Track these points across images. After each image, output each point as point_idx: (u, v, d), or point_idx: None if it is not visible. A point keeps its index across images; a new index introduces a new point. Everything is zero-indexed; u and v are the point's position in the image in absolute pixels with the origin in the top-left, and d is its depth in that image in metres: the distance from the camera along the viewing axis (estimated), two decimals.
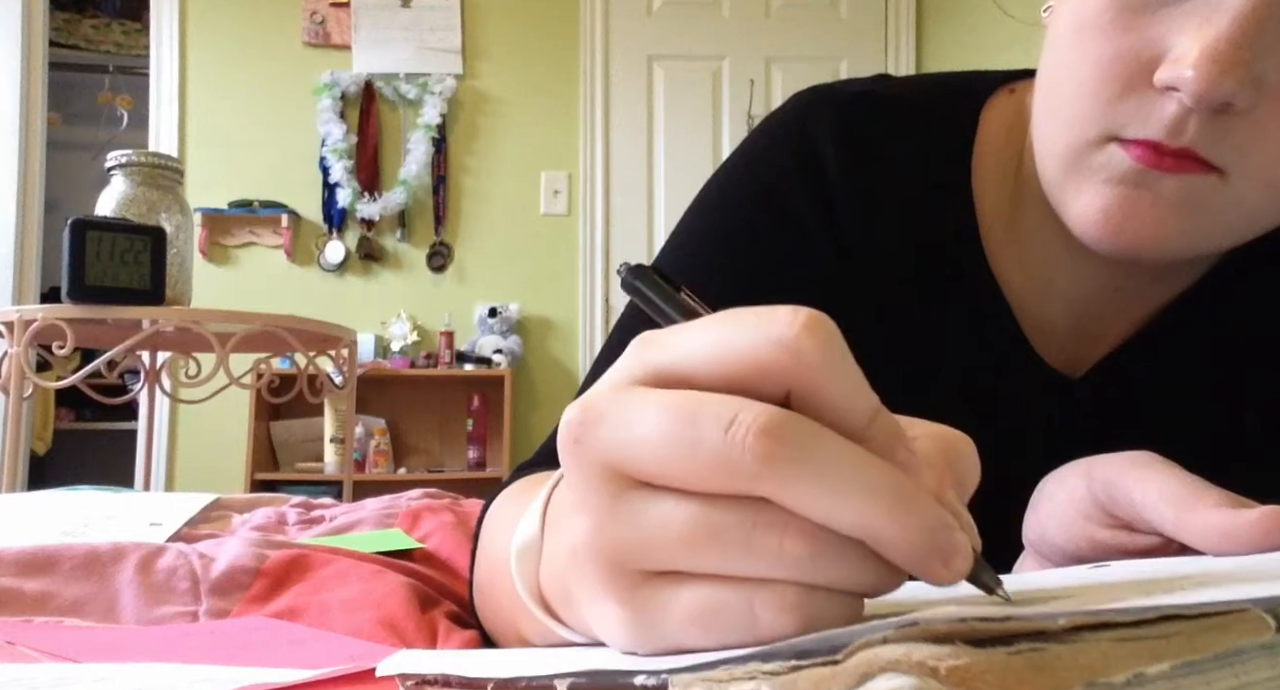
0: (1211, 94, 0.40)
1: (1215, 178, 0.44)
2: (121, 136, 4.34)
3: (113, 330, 1.95)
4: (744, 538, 0.23)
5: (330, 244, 3.65)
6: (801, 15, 3.78)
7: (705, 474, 0.23)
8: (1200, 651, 0.16)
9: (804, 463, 0.22)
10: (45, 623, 0.59)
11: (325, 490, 3.13)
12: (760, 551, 0.23)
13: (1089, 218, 0.46)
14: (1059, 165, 0.48)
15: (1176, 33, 0.42)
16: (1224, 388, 0.57)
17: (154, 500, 1.00)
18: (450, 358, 3.55)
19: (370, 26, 3.69)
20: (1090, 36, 0.45)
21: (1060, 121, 0.47)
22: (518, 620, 0.39)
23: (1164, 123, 0.43)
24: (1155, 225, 0.45)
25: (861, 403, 0.24)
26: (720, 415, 0.23)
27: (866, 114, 0.59)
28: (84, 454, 4.36)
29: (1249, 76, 0.41)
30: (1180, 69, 0.41)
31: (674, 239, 0.62)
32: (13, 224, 3.44)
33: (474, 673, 0.26)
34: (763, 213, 0.58)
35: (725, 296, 0.57)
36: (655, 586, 0.24)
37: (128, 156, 1.97)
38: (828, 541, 0.23)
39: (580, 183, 3.75)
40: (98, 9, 4.74)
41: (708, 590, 0.23)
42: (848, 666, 0.15)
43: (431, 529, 0.86)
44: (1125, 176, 0.45)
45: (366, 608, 0.62)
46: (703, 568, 0.23)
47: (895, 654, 0.15)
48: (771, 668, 0.16)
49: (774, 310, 0.24)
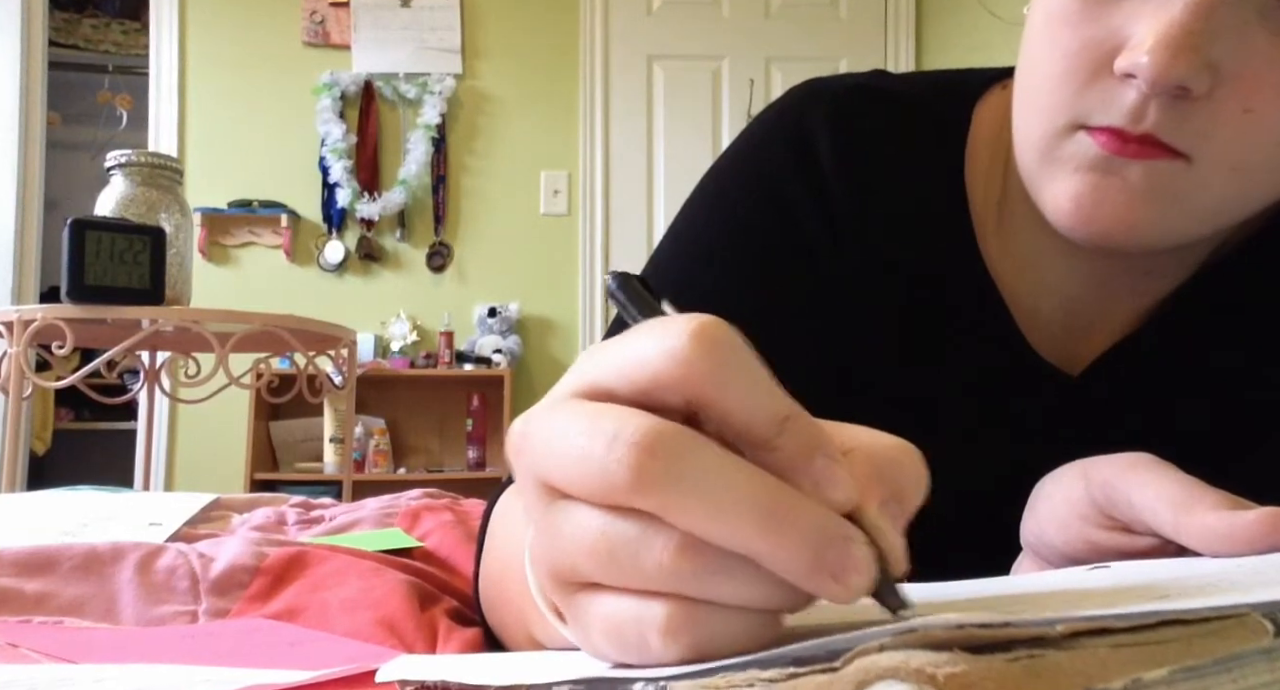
0: (1165, 79, 0.41)
1: (1181, 163, 0.44)
2: (121, 136, 4.33)
3: (112, 330, 1.95)
4: (632, 551, 0.22)
5: (330, 244, 3.65)
6: (801, 15, 3.78)
7: (593, 488, 0.23)
8: (1198, 656, 0.16)
9: (677, 477, 0.22)
10: (45, 623, 0.59)
11: (325, 490, 3.13)
12: (646, 565, 0.22)
13: (1061, 206, 0.47)
14: (1034, 155, 0.49)
15: (1135, 21, 0.43)
16: (1221, 384, 0.57)
17: (153, 500, 1.00)
18: (450, 358, 3.55)
19: (370, 26, 3.69)
20: (1058, 27, 0.46)
21: (1033, 111, 0.48)
22: (528, 620, 0.39)
23: (1124, 109, 0.44)
24: (1124, 211, 0.45)
25: (763, 412, 0.23)
26: (606, 429, 0.23)
27: (862, 107, 0.59)
28: (83, 454, 4.36)
29: (1201, 61, 0.41)
30: (1136, 56, 0.42)
31: (672, 231, 0.62)
32: (12, 224, 3.44)
33: (473, 679, 0.26)
34: (759, 204, 0.58)
35: (721, 290, 0.57)
36: (583, 596, 0.24)
37: (127, 156, 1.97)
38: (713, 557, 0.22)
39: (580, 183, 3.74)
40: (97, 9, 4.74)
41: (612, 603, 0.24)
42: (845, 673, 0.15)
43: (431, 528, 0.86)
44: (1094, 164, 0.46)
45: (366, 607, 0.62)
46: (607, 580, 0.23)
47: (893, 661, 0.15)
48: (770, 675, 0.16)
49: (671, 320, 0.24)
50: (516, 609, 0.43)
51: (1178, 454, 0.38)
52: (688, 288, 0.58)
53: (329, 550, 0.72)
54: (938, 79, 0.62)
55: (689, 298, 0.57)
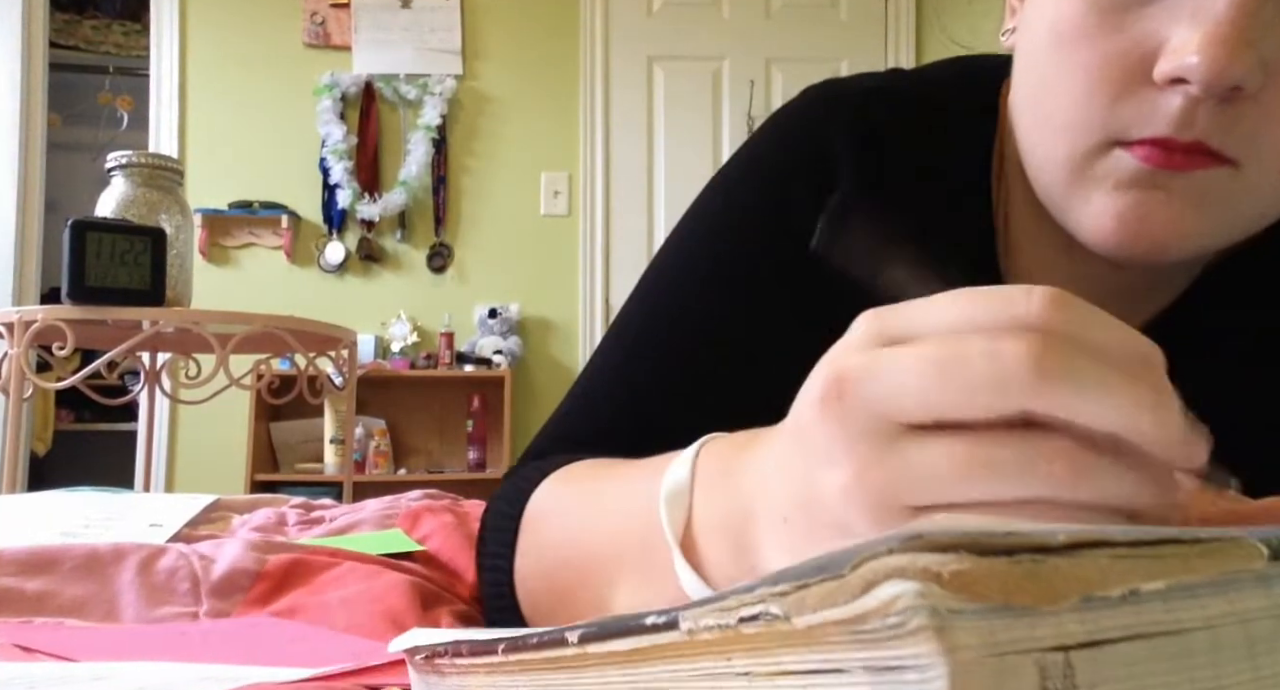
0: (1222, 78, 0.39)
1: (1228, 169, 0.43)
2: (121, 137, 4.33)
3: (113, 331, 1.95)
4: (1018, 464, 0.24)
5: (330, 245, 3.65)
6: (801, 16, 3.78)
7: (979, 398, 0.25)
8: (1195, 573, 0.17)
9: (1068, 374, 0.24)
10: (45, 623, 0.59)
11: (325, 491, 3.13)
12: (1033, 474, 0.24)
13: (1104, 226, 0.45)
14: (1060, 176, 0.47)
15: (1169, 24, 0.41)
16: (1226, 388, 0.56)
17: (154, 501, 1.00)
18: (450, 358, 3.55)
19: (370, 27, 3.70)
20: (1073, 43, 0.44)
21: (1054, 131, 0.46)
22: (616, 586, 0.41)
23: (1171, 117, 0.42)
24: (1173, 225, 0.44)
25: (1131, 342, 0.26)
26: (984, 346, 0.24)
27: (885, 114, 0.57)
28: (84, 455, 4.36)
29: (1255, 57, 0.40)
30: (1183, 57, 0.40)
31: (674, 241, 0.61)
32: (13, 225, 3.44)
33: (484, 637, 0.26)
34: (769, 223, 0.57)
35: (722, 309, 0.56)
36: (925, 518, 0.26)
37: (128, 157, 1.97)
38: (1095, 461, 0.24)
39: (580, 183, 3.75)
40: (98, 9, 4.74)
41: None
42: (853, 578, 0.16)
43: (431, 530, 0.86)
44: (1135, 179, 0.44)
45: (368, 602, 0.62)
46: (973, 497, 0.25)
47: (899, 562, 0.15)
48: (780, 589, 0.16)
49: (1012, 288, 0.26)
50: (595, 582, 0.44)
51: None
52: (688, 306, 0.57)
53: (330, 555, 0.72)
54: (959, 71, 0.60)
55: (689, 317, 0.57)
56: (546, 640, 0.23)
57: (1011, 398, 0.24)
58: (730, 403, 0.53)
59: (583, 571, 0.45)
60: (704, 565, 0.36)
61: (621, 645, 0.20)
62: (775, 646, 0.17)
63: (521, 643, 0.24)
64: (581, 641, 0.21)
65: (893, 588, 0.15)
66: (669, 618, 0.19)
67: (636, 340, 0.59)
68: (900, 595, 0.15)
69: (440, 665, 0.28)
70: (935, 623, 0.14)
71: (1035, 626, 0.15)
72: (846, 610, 0.15)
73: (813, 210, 0.56)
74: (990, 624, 0.15)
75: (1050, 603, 0.15)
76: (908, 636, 0.15)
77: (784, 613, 0.16)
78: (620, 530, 0.42)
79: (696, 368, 0.56)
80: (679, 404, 0.55)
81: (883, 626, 0.15)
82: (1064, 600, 0.15)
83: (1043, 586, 0.15)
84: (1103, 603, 0.16)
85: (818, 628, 0.16)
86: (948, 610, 0.15)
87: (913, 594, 0.15)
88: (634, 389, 0.57)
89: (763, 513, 0.32)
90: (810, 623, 0.16)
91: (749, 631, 0.17)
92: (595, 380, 0.60)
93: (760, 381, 0.53)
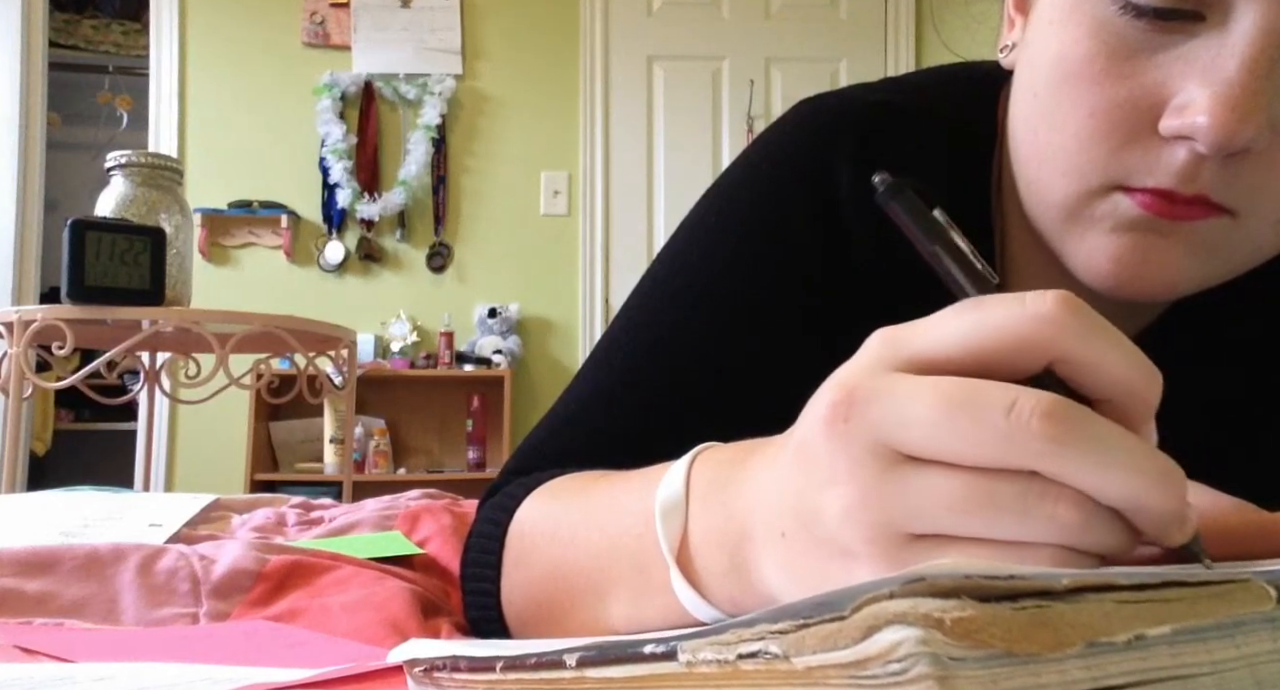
0: (1231, 143, 0.39)
1: (1227, 219, 0.43)
2: (121, 137, 4.33)
3: (112, 331, 1.95)
4: (1021, 505, 0.25)
5: (330, 244, 3.65)
6: (801, 16, 3.78)
7: (985, 451, 0.25)
8: (1201, 617, 0.17)
9: (1082, 442, 0.24)
10: (46, 624, 0.59)
11: (325, 491, 3.13)
12: (1036, 517, 0.25)
13: (1099, 266, 0.45)
14: (1058, 213, 0.47)
15: (1179, 77, 0.41)
16: (1208, 404, 0.56)
17: (153, 501, 1.00)
18: (450, 358, 3.55)
19: (370, 27, 3.69)
20: (1080, 85, 0.43)
21: (1054, 171, 0.46)
22: (609, 602, 0.40)
23: (1175, 170, 0.42)
24: (1169, 269, 0.44)
25: (1137, 367, 0.26)
26: (1000, 399, 0.25)
27: (887, 131, 0.56)
28: (84, 454, 4.36)
29: (1265, 120, 0.40)
30: (1193, 117, 0.40)
31: (667, 259, 0.59)
32: (13, 224, 3.44)
33: (483, 653, 0.26)
34: (766, 247, 0.56)
35: (716, 333, 0.55)
36: (921, 546, 0.26)
37: (127, 157, 1.97)
38: (1094, 510, 0.25)
39: (580, 183, 3.74)
40: (97, 9, 4.74)
41: (974, 551, 0.26)
42: (854, 621, 0.15)
43: (431, 533, 0.86)
44: (1134, 224, 0.44)
45: (369, 608, 0.62)
46: (970, 532, 0.26)
47: (901, 607, 0.15)
48: (780, 627, 0.16)
49: (1023, 294, 0.26)
50: (590, 603, 0.43)
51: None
52: (680, 325, 0.56)
53: (331, 558, 0.72)
54: (956, 78, 0.59)
55: (682, 337, 0.56)
56: (544, 661, 0.23)
57: (1020, 457, 0.25)
58: (720, 423, 0.52)
59: (573, 585, 0.45)
60: (700, 579, 0.35)
61: (619, 672, 0.20)
62: (774, 684, 0.16)
63: (519, 662, 0.24)
64: (579, 665, 0.21)
65: (894, 633, 0.15)
66: (667, 647, 0.19)
67: (626, 358, 0.57)
68: (902, 642, 0.15)
69: (439, 678, 0.28)
70: (938, 671, 0.14)
71: (1039, 674, 0.15)
72: (847, 654, 0.15)
73: (809, 231, 0.55)
74: (993, 672, 0.15)
75: (1055, 650, 0.15)
76: (909, 684, 0.14)
77: (783, 652, 0.16)
78: (612, 544, 0.42)
79: (687, 390, 0.55)
80: (667, 424, 0.54)
81: (884, 673, 0.15)
82: (1069, 647, 0.15)
83: (1047, 633, 0.15)
84: (1108, 648, 0.16)
85: (817, 669, 0.16)
86: (950, 658, 0.14)
87: (914, 641, 0.14)
88: (622, 408, 0.56)
89: (760, 527, 0.32)
90: (810, 664, 0.16)
91: (748, 668, 0.17)
92: (583, 399, 0.58)
93: (754, 403, 0.52)
